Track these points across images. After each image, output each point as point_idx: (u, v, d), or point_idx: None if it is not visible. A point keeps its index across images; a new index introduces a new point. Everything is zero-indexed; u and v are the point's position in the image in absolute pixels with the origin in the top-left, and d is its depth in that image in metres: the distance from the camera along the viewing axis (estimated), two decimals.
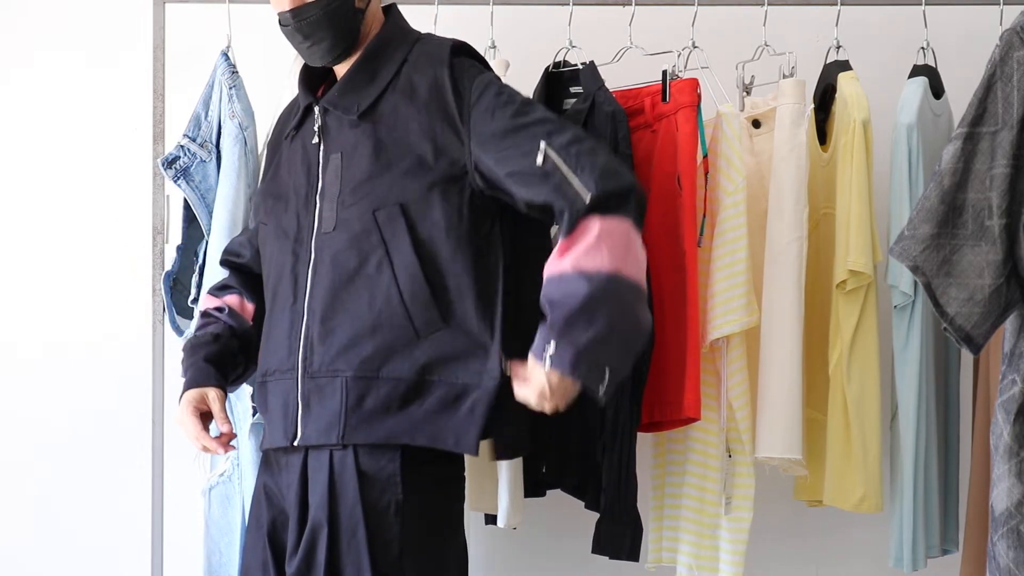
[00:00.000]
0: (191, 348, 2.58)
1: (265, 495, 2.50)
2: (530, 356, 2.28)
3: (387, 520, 2.35)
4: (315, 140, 2.47)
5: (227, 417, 2.50)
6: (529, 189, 2.33)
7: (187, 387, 2.53)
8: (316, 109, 2.48)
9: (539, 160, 2.33)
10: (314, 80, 2.56)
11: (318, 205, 2.44)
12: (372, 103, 2.43)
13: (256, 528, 2.51)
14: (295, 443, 2.41)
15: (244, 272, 2.67)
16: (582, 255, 2.28)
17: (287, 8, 2.44)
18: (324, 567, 2.33)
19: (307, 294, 2.42)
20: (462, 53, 2.47)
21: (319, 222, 2.43)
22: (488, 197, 2.41)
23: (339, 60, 2.49)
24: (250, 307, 2.63)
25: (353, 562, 2.33)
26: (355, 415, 2.36)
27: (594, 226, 2.29)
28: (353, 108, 2.44)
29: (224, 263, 2.70)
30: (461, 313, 2.39)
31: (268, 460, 2.52)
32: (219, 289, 2.68)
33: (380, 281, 2.37)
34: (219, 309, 2.62)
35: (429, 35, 2.56)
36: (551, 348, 2.24)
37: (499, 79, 2.47)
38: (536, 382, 2.27)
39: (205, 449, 2.50)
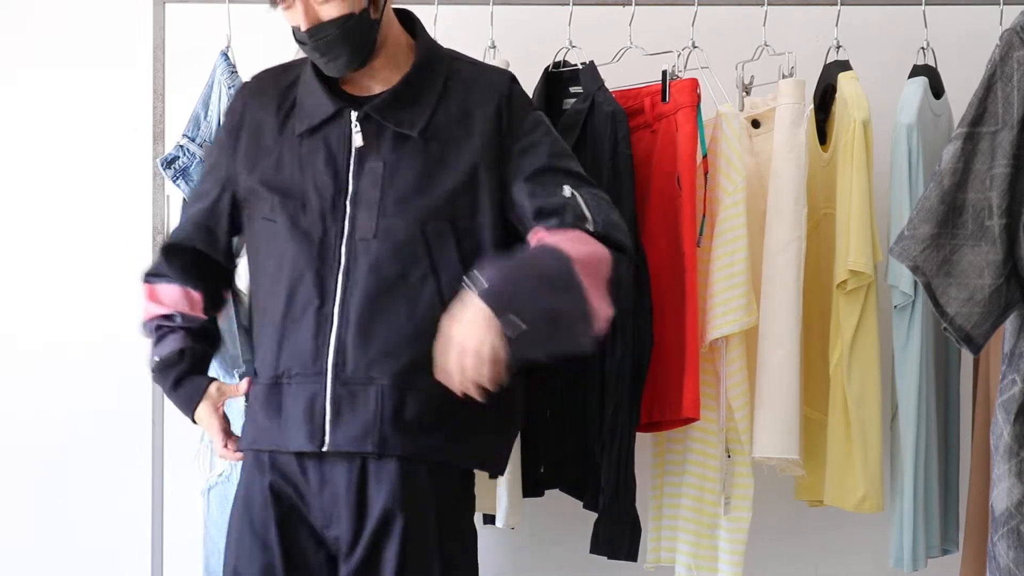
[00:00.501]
0: (162, 372, 2.55)
1: (273, 495, 2.43)
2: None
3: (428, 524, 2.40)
4: (351, 145, 2.43)
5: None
6: (547, 219, 2.40)
7: (190, 409, 2.54)
8: (353, 115, 2.44)
9: (566, 193, 2.42)
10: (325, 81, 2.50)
11: (349, 210, 2.41)
12: (427, 121, 2.44)
13: (251, 531, 2.44)
14: (323, 449, 2.38)
15: (184, 256, 2.58)
16: (569, 242, 2.32)
17: (304, 27, 2.41)
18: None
19: (337, 298, 2.39)
20: (517, 85, 2.54)
21: (352, 227, 2.40)
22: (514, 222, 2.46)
23: (357, 70, 2.47)
24: (196, 296, 2.57)
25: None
26: (391, 425, 2.36)
27: (589, 241, 2.35)
28: (407, 123, 2.43)
29: (165, 249, 2.61)
30: None
31: (268, 462, 2.45)
32: (153, 275, 2.60)
33: (423, 292, 2.38)
34: (168, 317, 2.57)
35: (466, 57, 2.57)
36: (485, 276, 2.24)
37: (547, 120, 2.54)
38: (464, 315, 2.22)
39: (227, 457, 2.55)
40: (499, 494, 2.87)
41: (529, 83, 2.95)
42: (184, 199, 2.91)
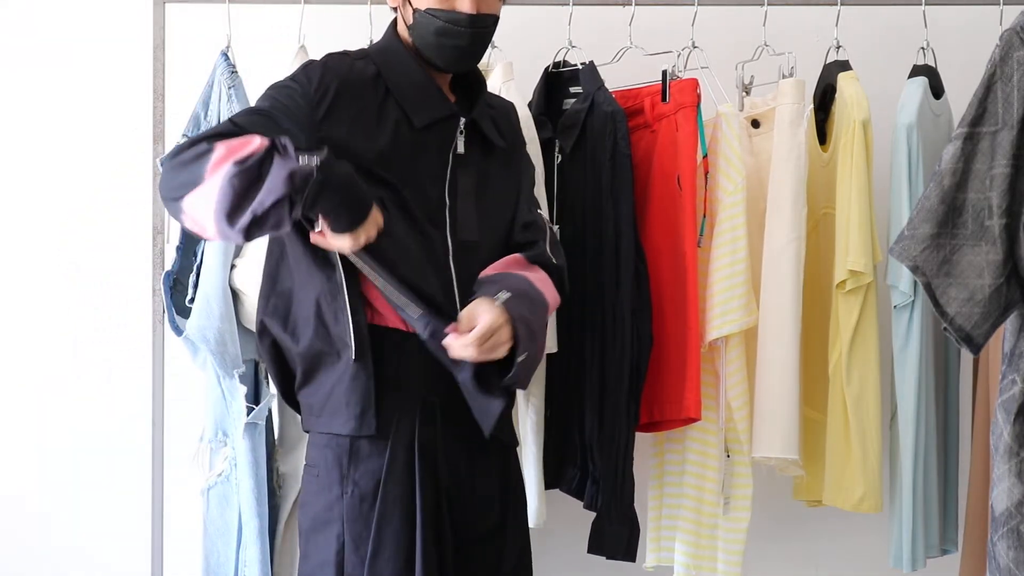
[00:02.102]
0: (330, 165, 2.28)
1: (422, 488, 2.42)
2: (478, 300, 2.37)
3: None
4: (453, 149, 2.47)
5: None
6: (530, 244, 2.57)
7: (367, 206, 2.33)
8: (462, 121, 2.48)
9: (538, 217, 2.61)
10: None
11: (448, 214, 2.45)
12: (503, 135, 2.57)
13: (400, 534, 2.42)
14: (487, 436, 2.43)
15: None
16: (546, 288, 2.51)
17: (469, 11, 2.43)
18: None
19: (456, 296, 2.42)
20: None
21: (454, 227, 2.45)
22: None
23: (465, 71, 2.53)
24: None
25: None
26: (507, 413, 2.47)
27: (550, 284, 2.54)
28: (495, 135, 2.54)
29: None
30: None
31: (419, 450, 2.43)
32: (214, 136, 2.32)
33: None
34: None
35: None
36: (504, 296, 2.38)
37: None
38: (487, 316, 2.33)
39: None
40: (529, 495, 2.89)
41: (529, 83, 2.95)
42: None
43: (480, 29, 2.45)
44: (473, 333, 2.32)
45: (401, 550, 2.39)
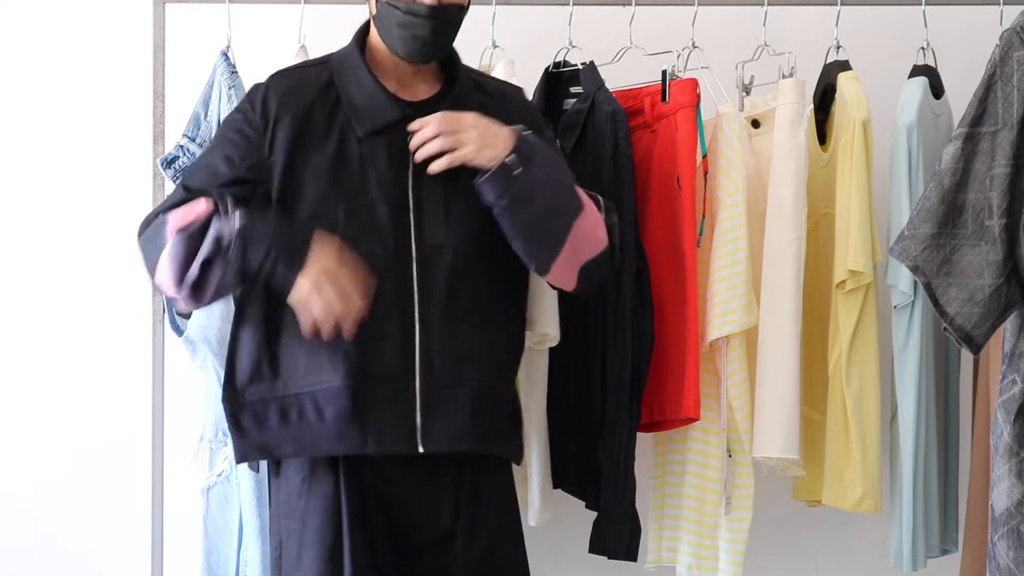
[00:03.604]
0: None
1: (357, 511, 2.43)
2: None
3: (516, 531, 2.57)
4: (408, 152, 2.44)
5: None
6: None
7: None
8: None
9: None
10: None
11: (414, 215, 2.43)
12: None
13: (327, 554, 2.42)
14: (420, 450, 2.41)
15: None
16: (590, 204, 2.52)
17: (429, 2, 2.41)
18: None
19: (416, 304, 2.41)
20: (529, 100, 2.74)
21: (419, 232, 2.42)
22: None
23: (430, 62, 2.50)
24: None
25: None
26: (481, 425, 2.44)
27: (596, 212, 2.56)
28: None
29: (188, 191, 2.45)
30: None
31: (349, 470, 2.44)
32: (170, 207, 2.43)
33: (498, 293, 2.47)
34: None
35: (474, 70, 2.66)
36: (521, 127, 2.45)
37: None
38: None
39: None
40: (532, 493, 2.91)
41: (529, 83, 2.95)
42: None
43: (441, 20, 2.43)
44: (437, 115, 2.39)
45: (326, 548, 2.40)
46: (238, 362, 2.47)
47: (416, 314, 2.41)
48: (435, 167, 2.41)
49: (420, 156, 2.41)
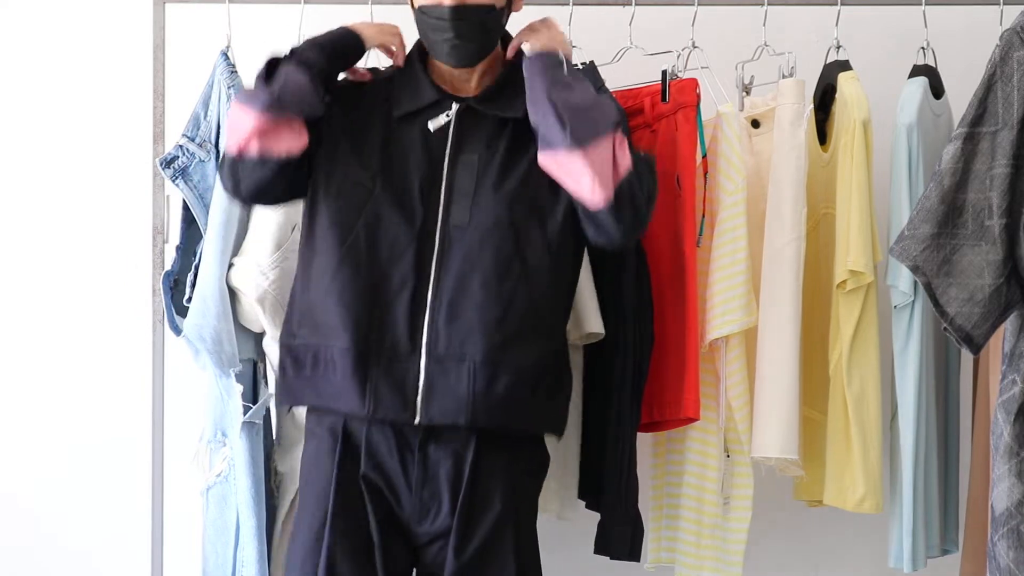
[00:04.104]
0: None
1: (367, 486, 2.51)
2: None
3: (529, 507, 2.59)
4: (447, 135, 2.53)
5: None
6: None
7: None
8: (454, 106, 2.53)
9: None
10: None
11: (443, 199, 2.50)
12: (523, 112, 2.52)
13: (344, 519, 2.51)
14: (416, 422, 2.46)
15: None
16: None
17: (448, 3, 2.47)
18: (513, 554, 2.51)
19: (431, 281, 2.48)
20: None
21: (448, 215, 2.49)
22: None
23: (473, 66, 2.55)
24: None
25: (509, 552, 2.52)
26: (483, 400, 2.46)
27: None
28: (508, 110, 2.53)
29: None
30: (566, 309, 2.61)
31: (356, 447, 2.51)
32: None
33: (509, 275, 2.48)
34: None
35: None
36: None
37: None
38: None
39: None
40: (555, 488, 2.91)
41: None
42: (184, 199, 2.91)
43: (464, 20, 2.47)
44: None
45: (314, 532, 2.50)
46: (292, 308, 2.57)
47: (429, 291, 2.47)
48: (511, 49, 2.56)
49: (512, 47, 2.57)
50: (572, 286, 2.61)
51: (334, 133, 2.56)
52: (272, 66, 2.49)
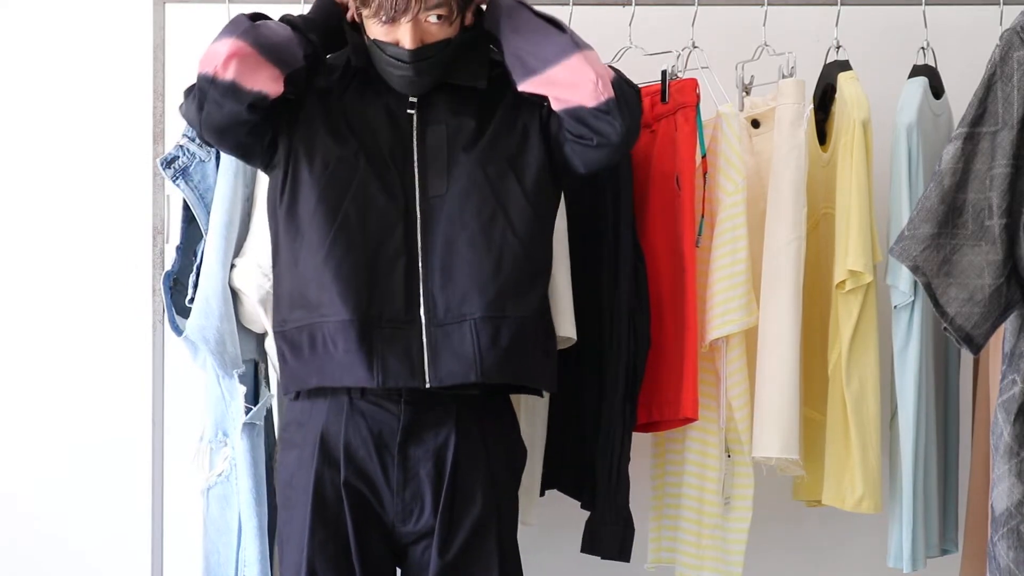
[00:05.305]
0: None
1: (347, 491, 2.52)
2: None
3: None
4: (410, 110, 2.55)
5: None
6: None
7: None
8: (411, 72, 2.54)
9: None
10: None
11: (417, 172, 2.53)
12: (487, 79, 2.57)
13: (324, 526, 2.53)
14: (427, 385, 2.49)
15: None
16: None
17: (408, 46, 2.48)
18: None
19: (419, 250, 2.51)
20: None
21: (425, 187, 2.53)
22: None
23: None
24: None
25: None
26: (490, 354, 2.49)
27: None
28: (469, 78, 2.56)
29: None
30: (550, 260, 2.64)
31: (335, 454, 2.53)
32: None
33: (495, 229, 2.51)
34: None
35: None
36: None
37: None
38: None
39: None
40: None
41: None
42: (184, 199, 2.91)
43: (424, 60, 2.49)
44: None
45: (303, 541, 2.53)
46: (279, 294, 2.59)
47: (420, 263, 2.50)
48: None
49: None
50: (551, 237, 2.63)
51: (310, 112, 2.56)
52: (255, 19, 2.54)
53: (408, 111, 2.55)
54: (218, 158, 2.90)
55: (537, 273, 2.57)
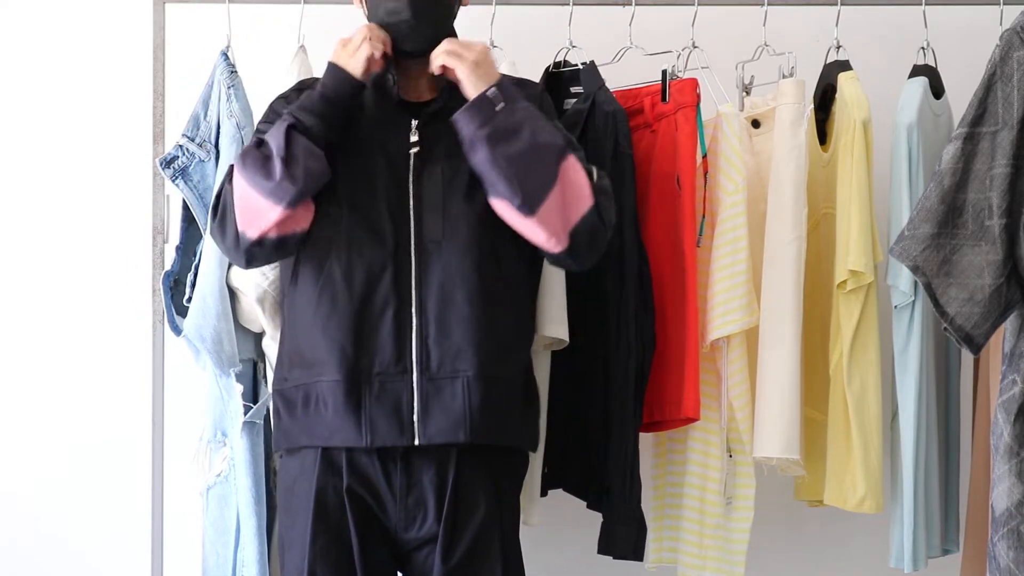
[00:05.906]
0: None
1: (350, 498, 2.50)
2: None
3: (514, 520, 2.61)
4: (410, 149, 2.52)
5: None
6: None
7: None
8: (414, 122, 2.52)
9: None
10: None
11: (413, 215, 2.50)
12: None
13: (327, 535, 2.51)
14: (416, 443, 2.47)
15: None
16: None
17: None
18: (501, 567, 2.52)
19: (413, 299, 2.47)
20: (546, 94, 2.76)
21: (419, 229, 2.49)
22: None
23: (426, 52, 2.53)
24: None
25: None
26: (480, 414, 2.47)
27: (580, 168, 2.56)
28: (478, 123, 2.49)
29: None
30: (534, 316, 2.66)
31: (344, 463, 2.51)
32: None
33: (494, 287, 2.49)
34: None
35: None
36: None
37: None
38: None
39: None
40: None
41: None
42: (184, 199, 2.91)
43: (422, 2, 2.49)
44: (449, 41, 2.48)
45: (305, 548, 2.51)
46: (281, 352, 2.59)
47: (413, 310, 2.47)
48: (434, 64, 2.50)
49: (432, 66, 2.50)
50: (536, 295, 2.67)
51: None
52: (284, 133, 2.46)
53: (409, 151, 2.51)
54: (218, 158, 2.90)
55: (527, 333, 2.60)
